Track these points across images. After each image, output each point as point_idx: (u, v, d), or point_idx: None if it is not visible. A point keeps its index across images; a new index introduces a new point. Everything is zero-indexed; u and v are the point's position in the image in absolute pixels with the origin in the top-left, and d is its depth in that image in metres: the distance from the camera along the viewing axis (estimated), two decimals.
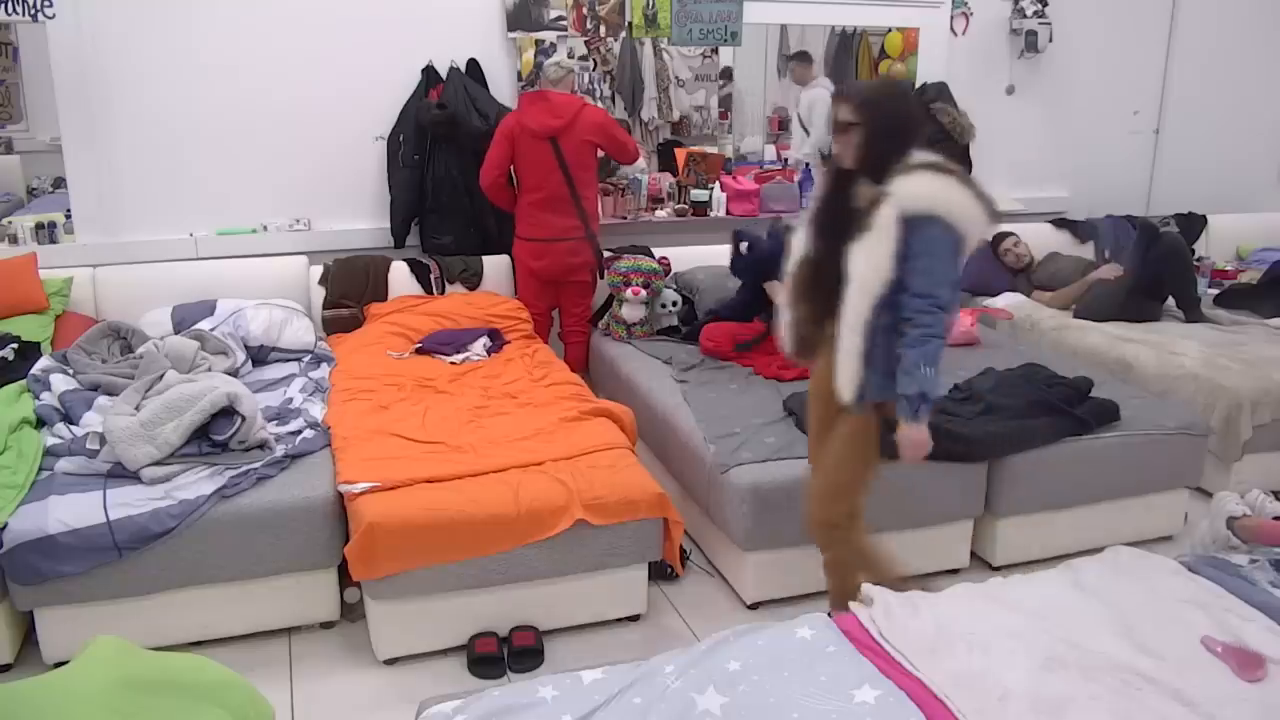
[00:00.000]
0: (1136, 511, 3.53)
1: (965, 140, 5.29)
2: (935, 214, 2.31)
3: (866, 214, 2.38)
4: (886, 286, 2.36)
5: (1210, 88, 6.04)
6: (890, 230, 2.32)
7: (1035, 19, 5.46)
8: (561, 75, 4.30)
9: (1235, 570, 2.42)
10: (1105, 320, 4.61)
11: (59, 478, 2.87)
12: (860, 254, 2.37)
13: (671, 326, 4.50)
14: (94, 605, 2.75)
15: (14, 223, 4.25)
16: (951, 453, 3.19)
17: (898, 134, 2.44)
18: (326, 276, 4.37)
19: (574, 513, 2.84)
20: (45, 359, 3.53)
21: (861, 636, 2.20)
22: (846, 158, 2.47)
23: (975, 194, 2.38)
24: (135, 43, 4.19)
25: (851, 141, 2.43)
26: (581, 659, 2.80)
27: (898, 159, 2.40)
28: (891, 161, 2.40)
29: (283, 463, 2.99)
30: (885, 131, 2.41)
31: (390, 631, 2.84)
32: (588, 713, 1.93)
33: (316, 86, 4.45)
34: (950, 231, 2.33)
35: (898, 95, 2.55)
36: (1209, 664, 2.08)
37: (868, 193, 2.42)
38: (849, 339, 2.42)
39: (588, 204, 4.34)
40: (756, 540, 3.05)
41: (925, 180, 2.35)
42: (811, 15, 5.28)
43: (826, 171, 2.69)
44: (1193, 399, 3.87)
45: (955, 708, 1.94)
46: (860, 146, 2.42)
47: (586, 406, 3.42)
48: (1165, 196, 6.10)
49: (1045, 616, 2.24)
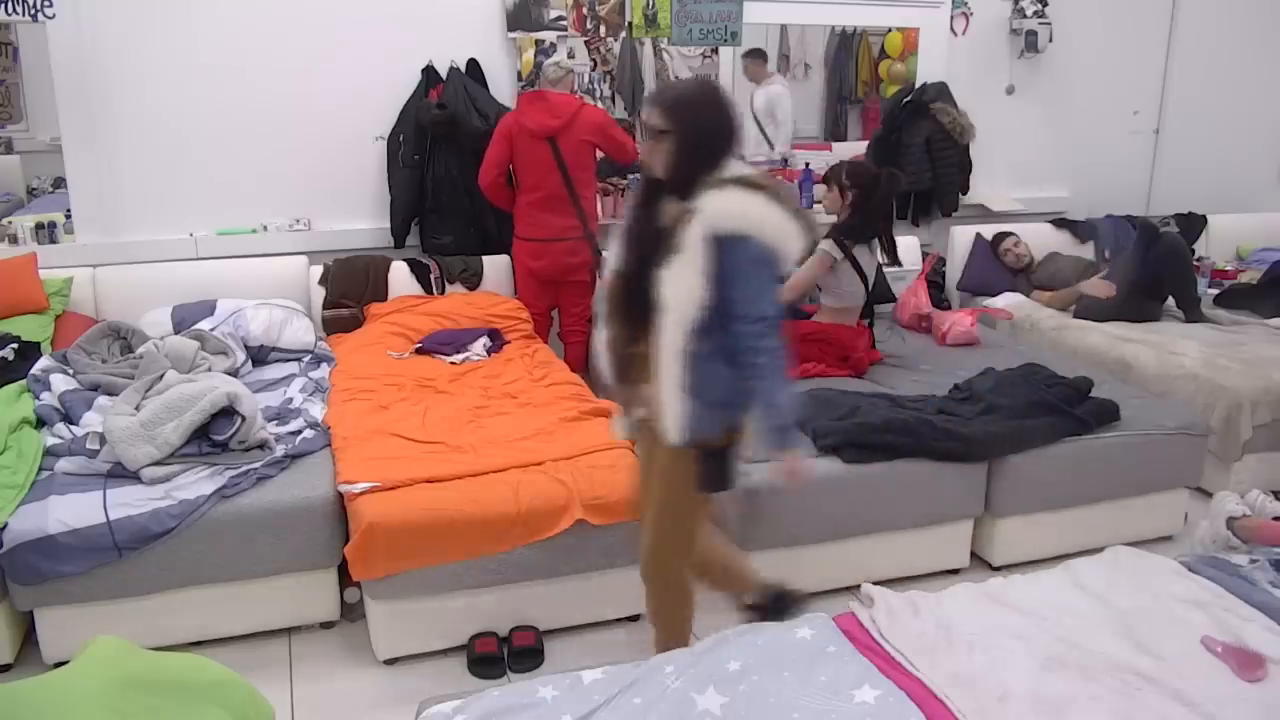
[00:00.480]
0: (1136, 511, 3.53)
1: (965, 140, 5.29)
2: (747, 233, 2.16)
3: (674, 233, 2.21)
4: (702, 311, 2.19)
5: (1210, 88, 6.04)
6: (700, 251, 2.16)
7: (1035, 19, 5.46)
8: (561, 76, 4.31)
9: (1235, 570, 2.42)
10: (1105, 320, 4.61)
11: (59, 478, 2.87)
12: (671, 277, 2.20)
13: None
14: (94, 605, 2.74)
15: (14, 223, 4.25)
16: (951, 453, 3.19)
17: (710, 145, 2.25)
18: (326, 276, 4.37)
19: (574, 513, 2.84)
20: (45, 359, 3.53)
21: (861, 636, 2.20)
22: (657, 167, 2.28)
23: (789, 211, 2.22)
24: (135, 43, 4.19)
25: (662, 150, 2.24)
26: (581, 659, 2.80)
27: (708, 172, 2.22)
28: (701, 175, 2.22)
29: (283, 463, 2.99)
30: (697, 141, 2.24)
31: (390, 631, 2.84)
32: (588, 713, 1.93)
33: (316, 86, 4.45)
34: (764, 250, 2.18)
35: (712, 101, 2.30)
36: (1209, 664, 2.08)
37: (674, 210, 2.24)
38: (669, 371, 2.24)
39: (586, 204, 4.34)
40: (757, 540, 3.05)
41: (735, 197, 2.18)
42: (811, 15, 5.28)
43: (640, 181, 2.51)
44: (1193, 399, 3.87)
45: (955, 708, 1.94)
46: (671, 156, 2.24)
47: (586, 406, 3.42)
48: (1165, 196, 6.10)
49: (1045, 616, 2.24)
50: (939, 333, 4.41)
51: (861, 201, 3.83)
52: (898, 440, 3.15)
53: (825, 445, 3.14)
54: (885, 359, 4.07)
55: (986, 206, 5.63)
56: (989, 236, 5.35)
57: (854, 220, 3.85)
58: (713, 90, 2.35)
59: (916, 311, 4.59)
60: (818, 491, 3.06)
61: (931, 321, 4.51)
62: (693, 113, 2.25)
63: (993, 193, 5.66)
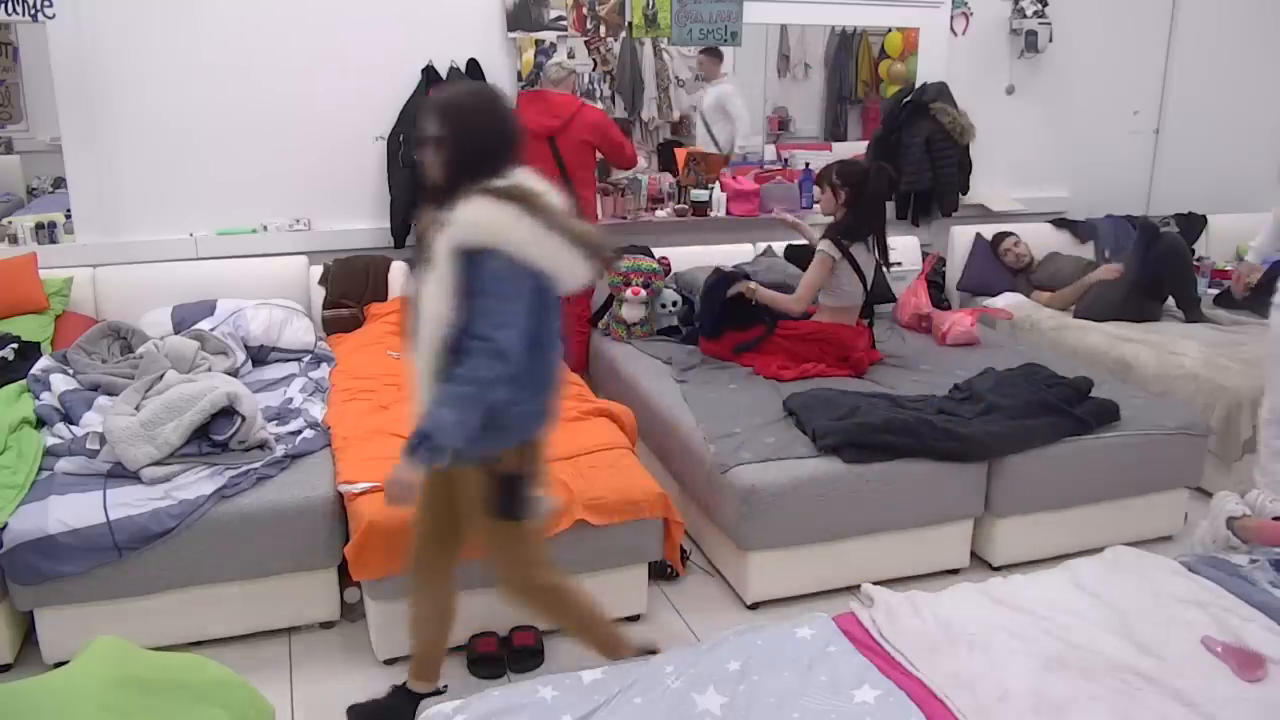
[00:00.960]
0: (1136, 511, 3.53)
1: (965, 140, 5.29)
2: (494, 246, 2.01)
3: (428, 245, 2.09)
4: (453, 328, 2.06)
5: (1210, 88, 6.04)
6: (447, 264, 2.04)
7: (1035, 19, 5.46)
8: (563, 76, 4.30)
9: (1235, 570, 2.42)
10: (1105, 320, 4.62)
11: (59, 478, 2.87)
12: (427, 292, 2.08)
13: (671, 326, 4.50)
14: (94, 605, 2.74)
15: (14, 223, 4.25)
16: (951, 453, 3.19)
17: (480, 152, 2.13)
18: (326, 276, 4.37)
19: (574, 513, 2.84)
20: (45, 359, 3.53)
21: (861, 636, 2.20)
22: (431, 174, 2.17)
23: (549, 224, 2.06)
24: (135, 43, 4.19)
25: (433, 157, 2.14)
26: (582, 659, 2.80)
27: (475, 181, 2.09)
28: (467, 183, 2.09)
29: (283, 463, 2.99)
30: (467, 148, 2.12)
31: (390, 631, 2.84)
32: (588, 713, 1.93)
33: (316, 86, 4.45)
34: (517, 267, 2.03)
35: (486, 108, 2.18)
36: (1209, 664, 2.08)
37: (427, 220, 2.14)
38: (428, 391, 2.11)
39: (585, 204, 4.34)
40: (756, 540, 3.05)
41: (485, 208, 2.04)
42: (811, 15, 5.28)
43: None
44: (1193, 399, 3.87)
45: (955, 708, 1.94)
46: (444, 164, 2.13)
47: (586, 406, 3.42)
48: (1165, 196, 6.10)
49: (1045, 616, 2.24)
50: (939, 333, 4.41)
51: (854, 199, 3.83)
52: (898, 440, 3.15)
53: (825, 445, 3.15)
54: (885, 359, 4.07)
55: (986, 206, 5.63)
56: (989, 236, 5.35)
57: (849, 219, 3.86)
58: (489, 96, 2.23)
59: (916, 311, 4.59)
60: (818, 491, 3.06)
61: (931, 321, 4.51)
62: (463, 118, 2.14)
63: (993, 193, 5.67)
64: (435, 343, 2.08)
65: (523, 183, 2.12)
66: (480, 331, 2.03)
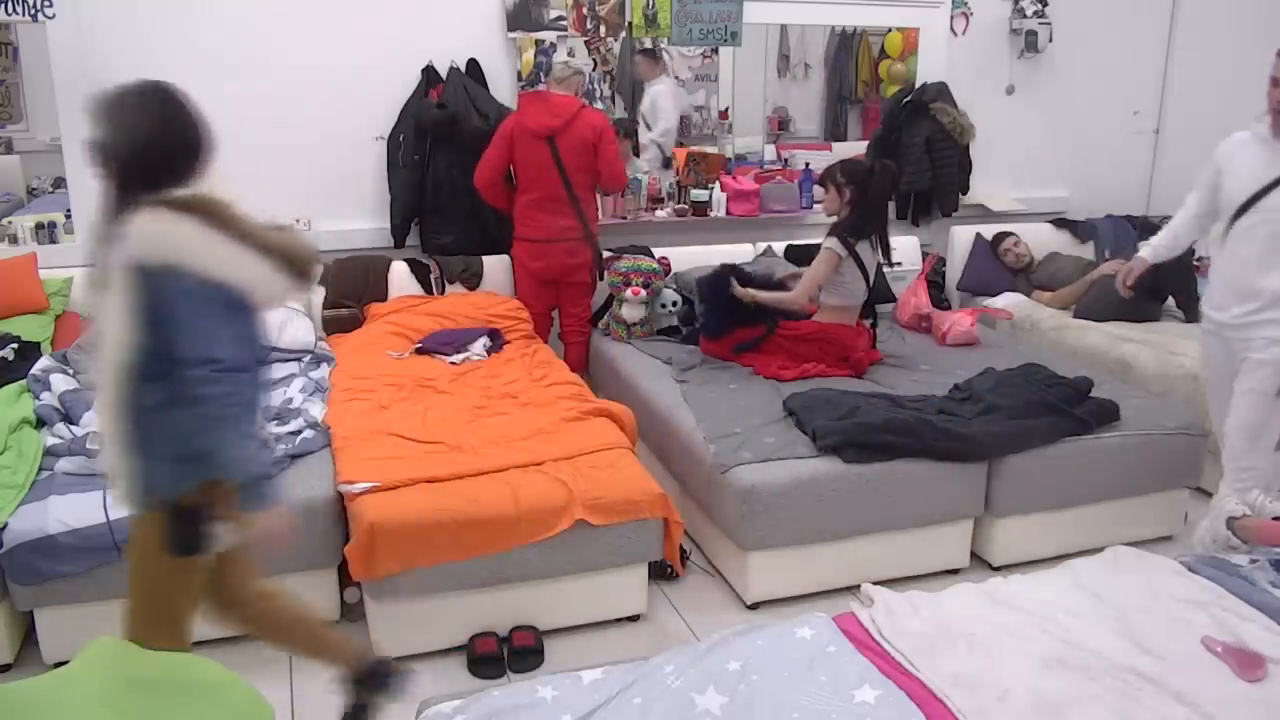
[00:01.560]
0: (1136, 511, 3.53)
1: (965, 140, 5.30)
2: (177, 264, 1.84)
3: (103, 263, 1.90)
4: (138, 354, 1.88)
5: (1210, 88, 6.04)
6: (125, 284, 1.85)
7: (1035, 19, 5.46)
8: (568, 75, 4.29)
9: (1235, 570, 2.42)
10: (1105, 320, 4.62)
11: (59, 478, 2.88)
12: (105, 314, 1.88)
13: (671, 326, 4.50)
14: (94, 605, 2.74)
15: (14, 223, 4.25)
16: (951, 453, 3.19)
17: (145, 158, 1.92)
18: (326, 276, 4.36)
19: (574, 513, 2.84)
20: (45, 359, 3.53)
21: (861, 636, 2.20)
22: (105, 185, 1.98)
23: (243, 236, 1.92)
24: (135, 43, 4.18)
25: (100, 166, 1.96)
26: (582, 659, 2.80)
27: (147, 190, 1.89)
28: (137, 193, 1.89)
29: (283, 463, 2.98)
30: (130, 153, 1.92)
31: (390, 631, 2.84)
32: (588, 713, 1.93)
33: (317, 87, 4.44)
34: (203, 284, 1.86)
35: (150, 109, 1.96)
36: (1209, 664, 2.08)
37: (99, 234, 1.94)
38: (110, 427, 1.94)
39: (586, 205, 4.33)
40: (756, 540, 3.05)
41: (163, 221, 1.85)
42: (811, 15, 5.28)
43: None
44: (1193, 399, 3.87)
45: (955, 707, 1.94)
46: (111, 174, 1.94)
47: (586, 406, 3.42)
48: (1165, 196, 6.09)
49: (1045, 616, 2.24)
50: (939, 333, 4.41)
51: (859, 197, 3.83)
52: (898, 440, 3.15)
53: (825, 445, 3.15)
54: (885, 359, 4.07)
55: (986, 206, 5.63)
56: (989, 236, 5.35)
57: (854, 216, 3.86)
58: (158, 97, 1.98)
59: (916, 311, 4.59)
60: (818, 491, 3.06)
61: (931, 321, 4.51)
62: (124, 121, 1.94)
63: (993, 193, 5.66)
64: (117, 369, 1.90)
65: (206, 193, 1.95)
66: (192, 354, 1.87)
